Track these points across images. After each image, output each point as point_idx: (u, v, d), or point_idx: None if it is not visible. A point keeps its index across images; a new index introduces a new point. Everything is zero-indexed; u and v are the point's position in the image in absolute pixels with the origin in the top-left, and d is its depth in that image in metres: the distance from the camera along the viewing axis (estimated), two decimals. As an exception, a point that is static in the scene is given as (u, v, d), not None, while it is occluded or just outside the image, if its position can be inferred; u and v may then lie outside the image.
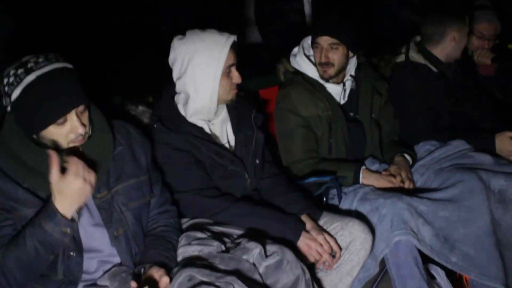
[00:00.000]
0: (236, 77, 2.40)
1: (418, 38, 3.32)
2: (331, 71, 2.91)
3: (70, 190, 1.79)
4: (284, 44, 4.13)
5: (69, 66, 1.89)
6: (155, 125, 2.38)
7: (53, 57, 1.87)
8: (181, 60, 2.37)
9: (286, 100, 2.93)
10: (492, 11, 3.63)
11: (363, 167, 2.81)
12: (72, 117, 1.87)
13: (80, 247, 1.96)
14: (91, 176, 1.83)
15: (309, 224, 2.37)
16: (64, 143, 1.90)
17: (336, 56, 2.89)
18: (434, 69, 3.18)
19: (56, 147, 1.89)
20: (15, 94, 1.82)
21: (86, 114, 1.92)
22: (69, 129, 1.88)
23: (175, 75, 2.42)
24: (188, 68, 2.36)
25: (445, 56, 3.23)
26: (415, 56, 3.22)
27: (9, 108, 1.88)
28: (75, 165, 1.80)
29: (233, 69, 2.40)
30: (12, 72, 1.83)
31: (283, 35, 4.45)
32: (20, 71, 1.82)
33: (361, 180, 2.77)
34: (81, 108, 1.89)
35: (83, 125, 1.89)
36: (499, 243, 2.63)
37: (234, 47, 2.39)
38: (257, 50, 4.60)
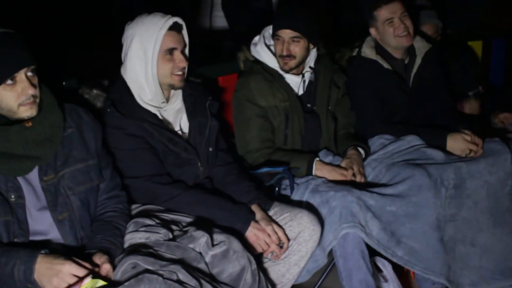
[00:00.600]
0: (178, 60, 2.38)
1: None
2: (292, 63, 2.93)
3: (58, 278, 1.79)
4: (250, 31, 4.14)
5: (12, 31, 1.89)
6: (108, 109, 2.36)
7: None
8: (125, 45, 2.39)
9: (245, 89, 2.94)
10: (430, 10, 3.63)
11: (317, 158, 2.84)
12: (21, 77, 1.88)
13: (26, 232, 1.94)
14: None
15: (258, 214, 2.39)
16: (15, 106, 1.90)
17: (297, 49, 2.90)
18: (385, 65, 3.18)
19: (7, 119, 1.91)
20: None
21: (35, 78, 1.93)
22: (19, 91, 1.88)
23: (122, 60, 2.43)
24: (128, 52, 2.37)
25: (390, 49, 3.21)
26: (367, 52, 3.22)
27: None
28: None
29: (176, 53, 2.37)
30: None
31: (248, 22, 4.43)
32: None
33: (314, 172, 2.80)
34: (30, 69, 1.90)
35: (33, 85, 1.90)
36: (452, 238, 2.70)
37: (177, 30, 2.38)
38: (222, 36, 4.57)
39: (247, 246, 2.22)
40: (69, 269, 1.78)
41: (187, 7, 4.80)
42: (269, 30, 3.07)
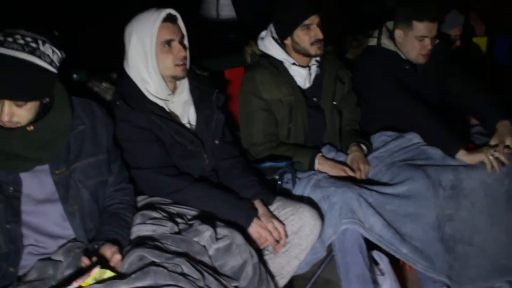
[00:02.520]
0: (177, 50, 2.44)
1: (390, 24, 3.29)
2: (323, 47, 2.98)
3: None
4: (257, 23, 4.17)
5: (38, 63, 1.92)
6: (117, 103, 2.42)
7: (34, 45, 1.92)
8: (126, 43, 2.47)
9: (250, 83, 2.99)
10: (456, 12, 3.60)
11: (319, 154, 2.90)
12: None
13: (18, 220, 2.00)
14: None
15: (261, 210, 2.45)
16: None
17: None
18: (403, 56, 3.19)
19: None
20: None
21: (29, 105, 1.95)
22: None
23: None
24: (128, 49, 2.45)
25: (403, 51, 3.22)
26: (387, 43, 3.22)
27: None
28: None
29: (174, 43, 2.44)
30: None
31: (255, 13, 4.46)
32: None
33: (316, 167, 2.86)
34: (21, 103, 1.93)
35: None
36: (452, 237, 2.76)
37: (172, 21, 2.44)
38: (228, 27, 4.60)
39: (249, 240, 2.29)
40: None
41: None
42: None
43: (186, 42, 2.51)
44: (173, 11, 2.45)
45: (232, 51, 3.54)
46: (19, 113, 1.94)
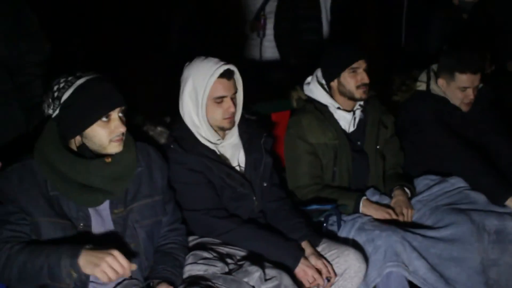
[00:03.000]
0: (227, 107, 2.52)
1: (435, 67, 3.34)
2: (368, 92, 3.07)
3: (103, 264, 1.87)
4: (301, 64, 4.27)
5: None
6: (171, 146, 2.54)
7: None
8: (181, 85, 2.58)
9: (297, 127, 3.09)
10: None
11: (364, 197, 2.96)
12: (115, 116, 2.11)
13: None
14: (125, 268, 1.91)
15: (308, 250, 2.52)
16: (106, 142, 2.11)
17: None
18: (452, 102, 3.24)
19: (92, 153, 2.11)
20: (66, 95, 2.07)
21: (124, 118, 2.16)
22: (112, 127, 2.11)
23: None
24: (183, 93, 2.56)
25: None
26: (435, 88, 3.28)
27: (55, 113, 2.11)
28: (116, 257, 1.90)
29: (225, 99, 2.52)
30: (62, 79, 2.10)
31: (300, 54, 4.57)
32: (70, 78, 2.10)
33: (361, 210, 2.92)
34: (122, 109, 2.13)
35: (124, 124, 2.13)
36: (496, 282, 2.77)
37: (228, 77, 2.51)
38: (272, 67, 4.70)
39: (297, 282, 2.36)
40: (112, 260, 1.88)
41: (240, 37, 4.94)
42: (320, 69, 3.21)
43: (239, 96, 2.62)
44: (232, 67, 2.52)
45: (277, 91, 3.63)
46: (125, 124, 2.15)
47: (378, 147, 3.18)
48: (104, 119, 2.09)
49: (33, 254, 1.94)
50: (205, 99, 2.50)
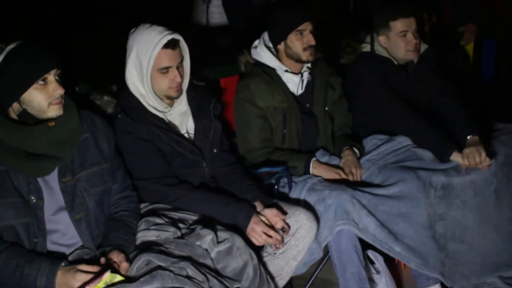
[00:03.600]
0: (173, 77, 2.50)
1: None
2: (314, 53, 3.08)
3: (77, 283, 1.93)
4: (249, 28, 4.24)
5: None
6: (119, 115, 2.51)
7: None
8: (126, 53, 2.55)
9: (245, 91, 3.09)
10: None
11: (314, 158, 3.00)
12: (51, 78, 2.07)
13: (45, 232, 2.10)
14: None
15: (259, 208, 2.55)
16: (45, 105, 2.07)
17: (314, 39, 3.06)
18: (396, 62, 3.29)
19: (34, 119, 2.08)
20: None
21: (60, 81, 2.11)
22: (50, 90, 2.07)
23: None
24: (128, 62, 2.54)
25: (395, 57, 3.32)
26: (380, 49, 3.32)
27: None
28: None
29: (171, 70, 2.50)
30: None
31: (247, 18, 4.55)
32: (0, 44, 2.04)
33: (311, 171, 2.97)
34: (58, 72, 2.09)
35: (62, 86, 2.09)
36: (443, 235, 2.85)
37: (173, 46, 2.47)
38: (219, 33, 4.67)
39: (249, 242, 2.39)
40: (80, 278, 1.93)
41: (187, 3, 4.88)
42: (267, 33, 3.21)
43: (186, 64, 2.59)
44: (176, 36, 2.48)
45: (225, 57, 3.62)
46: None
47: (326, 108, 3.21)
48: (40, 82, 2.05)
49: (11, 261, 1.98)
50: (149, 70, 2.48)
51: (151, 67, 2.47)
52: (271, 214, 2.51)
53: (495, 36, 4.72)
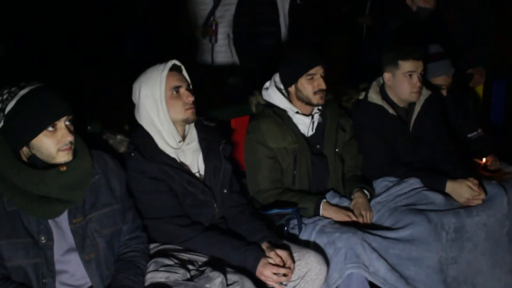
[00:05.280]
0: (186, 96, 2.58)
1: (381, 79, 3.43)
2: (324, 96, 3.10)
3: None
4: (259, 68, 4.28)
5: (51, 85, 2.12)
6: (132, 154, 2.54)
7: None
8: (134, 98, 2.64)
9: (256, 132, 3.10)
10: (447, 59, 3.69)
11: (324, 200, 3.00)
12: (61, 125, 2.09)
13: (53, 273, 2.10)
14: None
15: (268, 250, 2.52)
16: (54, 151, 2.09)
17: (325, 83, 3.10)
18: (390, 110, 3.33)
19: (44, 163, 2.09)
20: (10, 106, 2.05)
21: (72, 127, 2.14)
22: (59, 137, 2.09)
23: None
24: (139, 101, 2.60)
25: (395, 98, 3.36)
26: (374, 97, 3.36)
27: (0, 125, 2.07)
28: None
29: (181, 90, 2.59)
30: (6, 91, 2.07)
31: (258, 58, 4.58)
32: (13, 88, 2.07)
33: (321, 213, 2.96)
34: (68, 118, 2.11)
35: (71, 133, 2.10)
36: (455, 279, 2.84)
37: (177, 70, 2.62)
38: (226, 72, 4.71)
39: (259, 284, 2.38)
40: None
41: (192, 44, 4.94)
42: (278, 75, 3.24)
43: (191, 88, 2.66)
44: (177, 62, 2.61)
45: (233, 96, 3.64)
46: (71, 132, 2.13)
47: (337, 150, 3.22)
48: (50, 128, 2.08)
49: None
50: (163, 94, 2.55)
51: (164, 91, 2.54)
52: (285, 254, 2.50)
53: (505, 77, 4.72)
